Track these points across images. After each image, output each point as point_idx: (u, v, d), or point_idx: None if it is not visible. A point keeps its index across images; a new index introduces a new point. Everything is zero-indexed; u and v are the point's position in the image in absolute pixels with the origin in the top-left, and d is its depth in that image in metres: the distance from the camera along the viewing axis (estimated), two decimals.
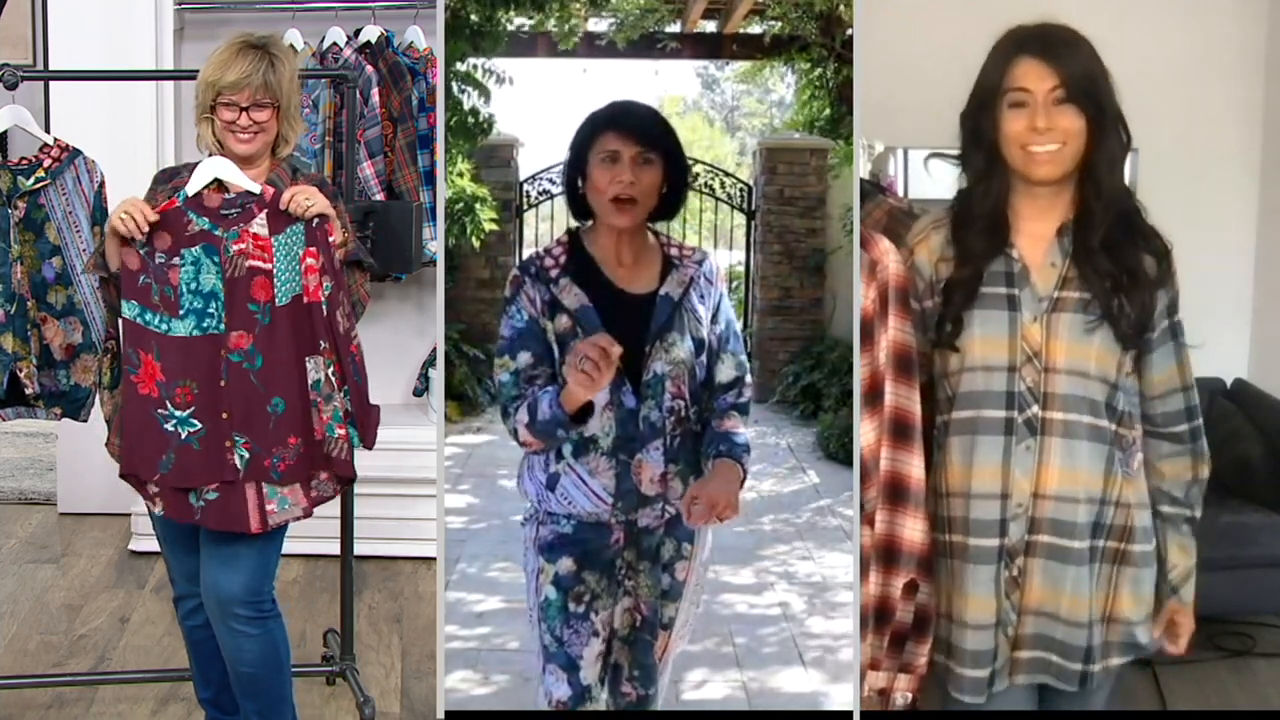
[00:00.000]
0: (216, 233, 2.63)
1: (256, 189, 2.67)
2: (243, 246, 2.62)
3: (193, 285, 2.62)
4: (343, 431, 2.67)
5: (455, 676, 3.48)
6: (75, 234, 3.01)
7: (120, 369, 2.78)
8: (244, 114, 2.69)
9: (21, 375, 2.99)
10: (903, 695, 2.19)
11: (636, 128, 2.34)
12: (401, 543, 4.41)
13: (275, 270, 2.63)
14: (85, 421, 3.08)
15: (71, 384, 3.04)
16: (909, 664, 2.17)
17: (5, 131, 3.06)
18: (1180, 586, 2.22)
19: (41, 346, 3.02)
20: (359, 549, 3.49)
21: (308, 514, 2.72)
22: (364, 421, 2.71)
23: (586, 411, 2.27)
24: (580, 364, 2.14)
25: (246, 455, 2.64)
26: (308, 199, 2.64)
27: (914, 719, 2.29)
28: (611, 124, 2.35)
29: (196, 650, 2.96)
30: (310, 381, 2.65)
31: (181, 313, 2.63)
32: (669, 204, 2.41)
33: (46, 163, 3.00)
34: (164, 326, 2.63)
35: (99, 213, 3.01)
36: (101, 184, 3.02)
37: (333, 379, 2.65)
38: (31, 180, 2.98)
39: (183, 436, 2.64)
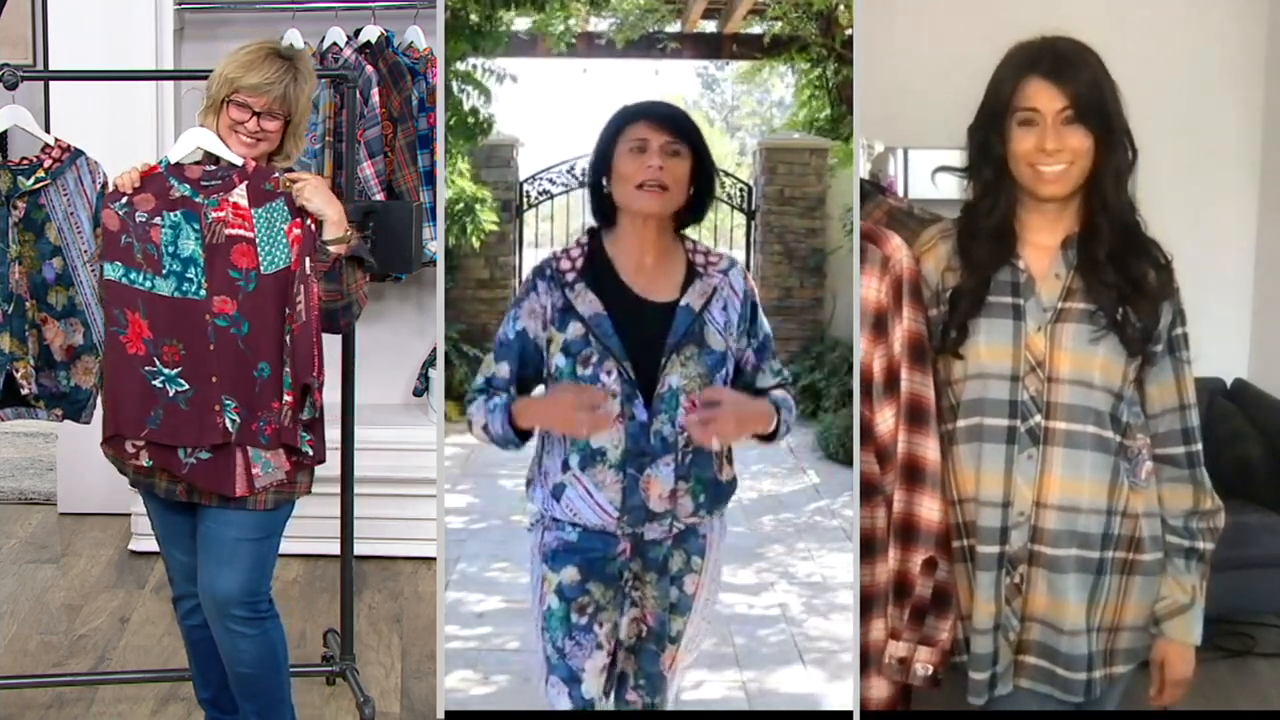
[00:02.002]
0: (197, 199, 2.68)
1: (239, 160, 2.69)
2: (222, 215, 2.67)
3: (171, 249, 2.66)
4: (289, 399, 2.68)
5: (455, 676, 3.48)
6: (77, 235, 3.00)
7: None
8: (255, 119, 2.70)
9: (18, 376, 2.99)
10: (923, 667, 2.19)
11: (666, 117, 2.31)
12: (401, 543, 4.41)
13: (258, 239, 2.66)
14: (88, 423, 3.07)
15: (72, 385, 3.03)
16: (930, 638, 2.19)
17: (5, 131, 3.06)
18: (1164, 619, 2.17)
19: (42, 347, 3.01)
20: (359, 549, 3.48)
21: (290, 478, 2.74)
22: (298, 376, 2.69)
23: (528, 434, 2.29)
24: (580, 411, 2.17)
25: (237, 419, 2.68)
26: (310, 194, 2.68)
27: (914, 719, 2.29)
28: (641, 114, 2.31)
29: (196, 650, 2.97)
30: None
31: (164, 272, 2.66)
32: (696, 206, 2.36)
33: (47, 163, 3.00)
34: (149, 284, 2.67)
35: (101, 214, 3.00)
36: (104, 185, 3.01)
37: (287, 344, 2.68)
38: (31, 180, 2.98)
39: (170, 394, 2.68)
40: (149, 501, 2.85)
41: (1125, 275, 2.11)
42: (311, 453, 2.75)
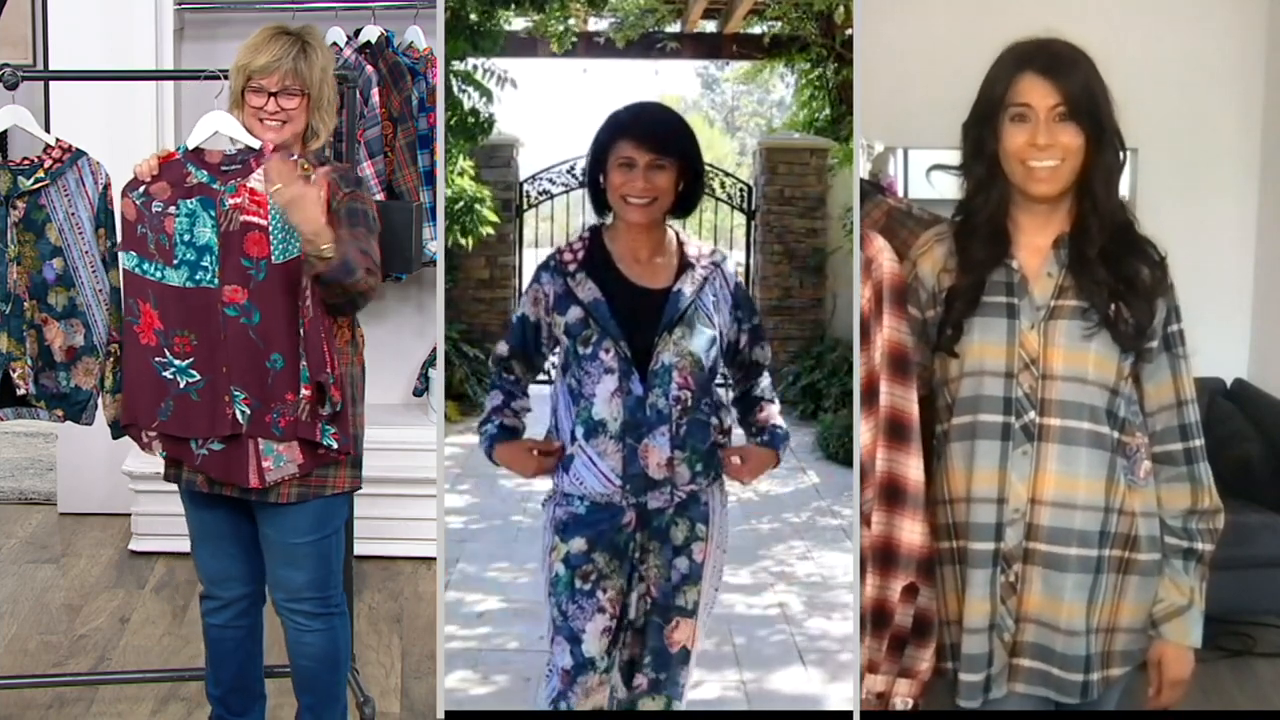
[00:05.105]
0: (214, 186, 2.66)
1: (257, 144, 2.68)
2: (239, 201, 2.64)
3: (186, 237, 2.64)
4: (307, 393, 2.65)
5: (455, 676, 3.49)
6: (78, 235, 3.00)
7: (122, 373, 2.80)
8: (272, 99, 2.68)
9: (14, 376, 2.99)
10: (903, 700, 2.16)
11: (651, 135, 2.45)
12: (401, 543, 4.41)
13: (270, 227, 2.63)
14: (90, 425, 3.07)
15: (72, 386, 3.03)
16: (910, 668, 2.15)
17: (5, 131, 3.05)
18: (1162, 621, 2.17)
19: (42, 348, 3.01)
20: (359, 549, 3.49)
21: (306, 471, 2.70)
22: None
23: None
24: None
25: (248, 410, 2.65)
26: (286, 196, 2.47)
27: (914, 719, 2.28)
28: (627, 131, 2.45)
29: (213, 649, 2.96)
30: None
31: (175, 262, 2.65)
32: (684, 202, 2.52)
33: (47, 163, 2.99)
34: (159, 275, 2.66)
35: (103, 214, 3.00)
36: (106, 185, 3.00)
37: (302, 337, 2.65)
38: (31, 180, 2.98)
39: (181, 386, 2.66)
40: (181, 496, 2.83)
41: (1117, 273, 2.12)
42: (336, 445, 2.70)
